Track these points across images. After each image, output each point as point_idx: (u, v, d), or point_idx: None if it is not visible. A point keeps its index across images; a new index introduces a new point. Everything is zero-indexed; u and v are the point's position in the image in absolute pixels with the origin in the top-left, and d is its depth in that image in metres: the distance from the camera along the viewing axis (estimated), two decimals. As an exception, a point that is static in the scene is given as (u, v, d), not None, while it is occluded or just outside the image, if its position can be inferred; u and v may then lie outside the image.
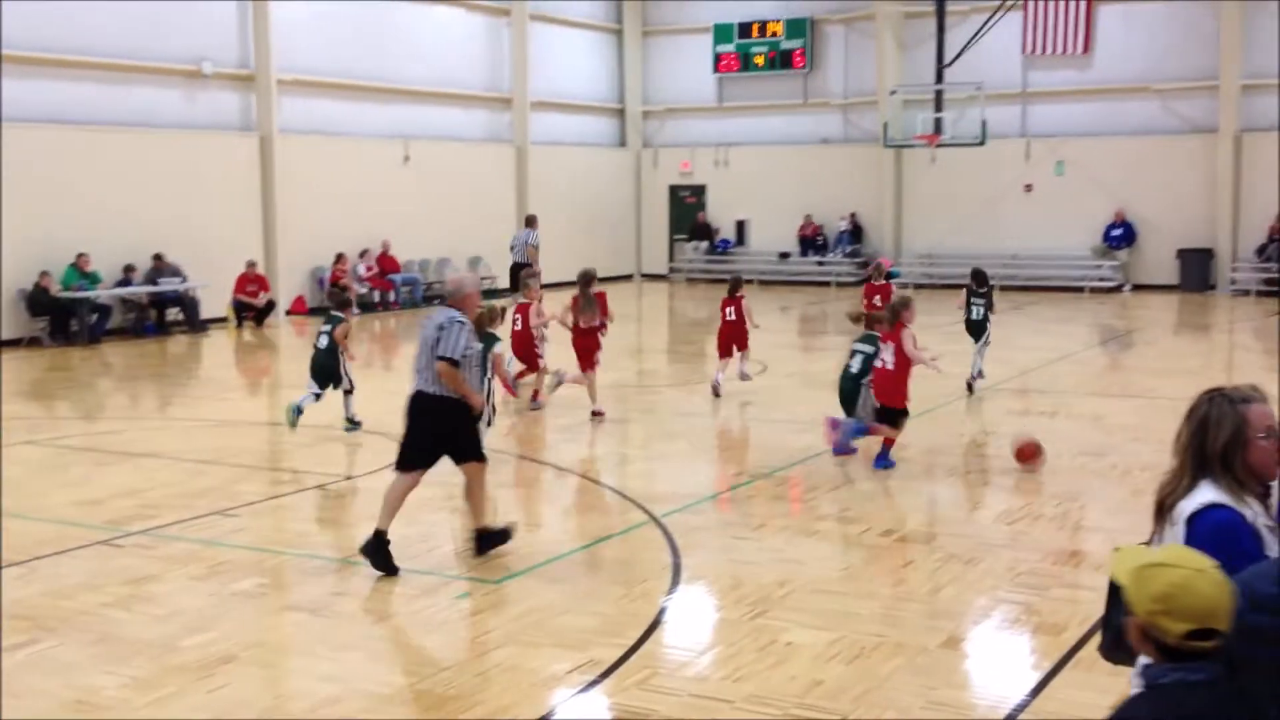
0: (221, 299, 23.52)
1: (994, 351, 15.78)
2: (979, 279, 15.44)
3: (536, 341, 14.34)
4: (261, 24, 24.11)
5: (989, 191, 29.93)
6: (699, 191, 33.87)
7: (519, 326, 14.17)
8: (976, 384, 15.07)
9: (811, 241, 32.00)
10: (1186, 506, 3.62)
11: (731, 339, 15.28)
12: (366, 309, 25.35)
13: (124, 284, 21.84)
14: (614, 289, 15.04)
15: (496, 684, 6.32)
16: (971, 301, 15.30)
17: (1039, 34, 29.15)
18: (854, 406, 11.43)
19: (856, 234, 31.68)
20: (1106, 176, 28.79)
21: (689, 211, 33.85)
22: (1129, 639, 2.78)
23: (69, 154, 21.12)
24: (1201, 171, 28.08)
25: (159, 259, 22.18)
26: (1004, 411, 14.45)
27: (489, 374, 10.38)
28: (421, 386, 8.22)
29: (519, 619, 7.38)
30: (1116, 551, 2.93)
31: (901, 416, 11.23)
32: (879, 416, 11.21)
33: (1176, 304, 26.62)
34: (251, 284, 23.75)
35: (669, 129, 34.31)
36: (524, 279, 15.53)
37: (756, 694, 6.09)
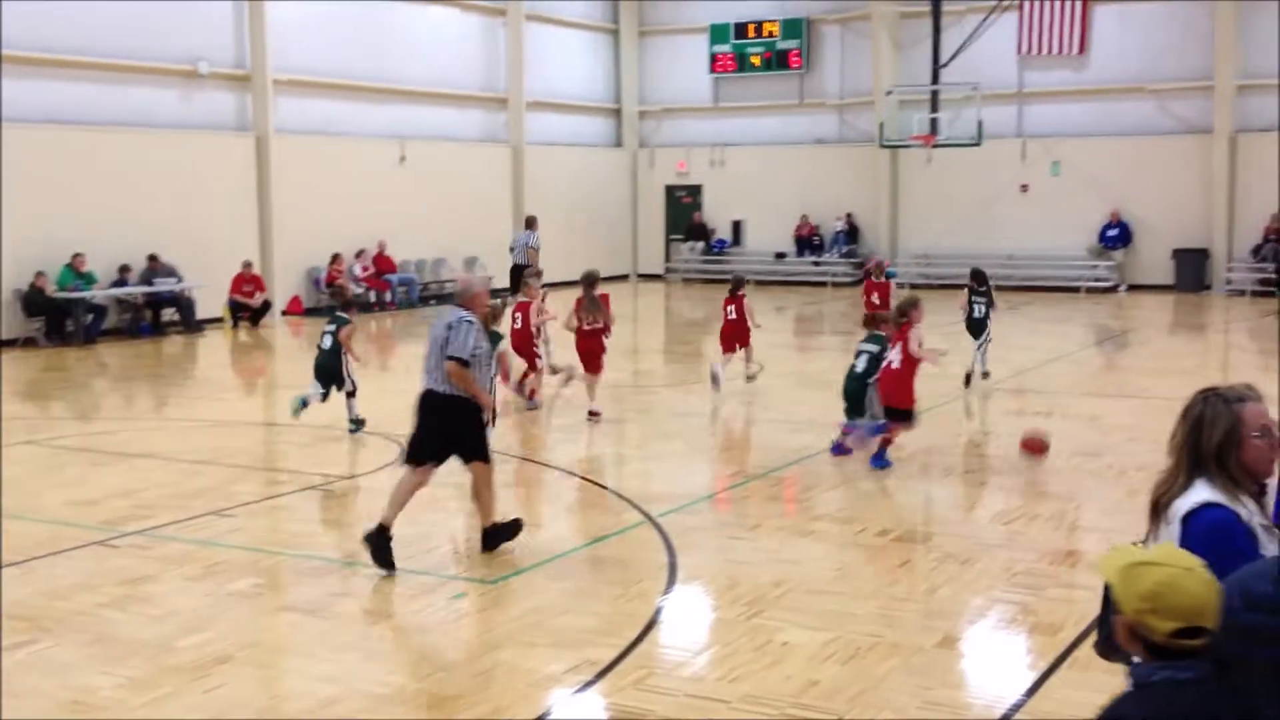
0: (217, 299, 23.50)
1: (990, 351, 15.85)
2: (979, 278, 15.67)
3: (536, 342, 14.39)
4: (257, 24, 24.11)
5: (985, 192, 29.95)
6: (695, 192, 33.88)
7: (518, 325, 14.20)
8: (983, 382, 15.17)
9: (807, 242, 32.01)
10: (1182, 505, 3.63)
11: (734, 337, 15.33)
12: (363, 309, 25.23)
13: (119, 284, 21.81)
14: (610, 289, 15.00)
15: (493, 684, 6.33)
16: (973, 300, 15.54)
17: (1034, 34, 29.18)
18: (859, 406, 11.41)
19: (852, 234, 31.70)
20: (1102, 177, 28.82)
21: (685, 212, 33.86)
22: (1117, 638, 2.79)
23: (64, 154, 21.09)
24: (1197, 172, 28.12)
25: (154, 260, 22.17)
26: (1000, 411, 14.50)
27: (494, 372, 10.40)
28: (431, 385, 8.29)
29: (516, 619, 7.38)
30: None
31: (908, 417, 11.17)
32: (885, 417, 11.20)
33: (1172, 304, 26.65)
34: (247, 284, 23.74)
35: (665, 129, 34.31)
36: (525, 277, 15.57)
37: (752, 694, 6.09)
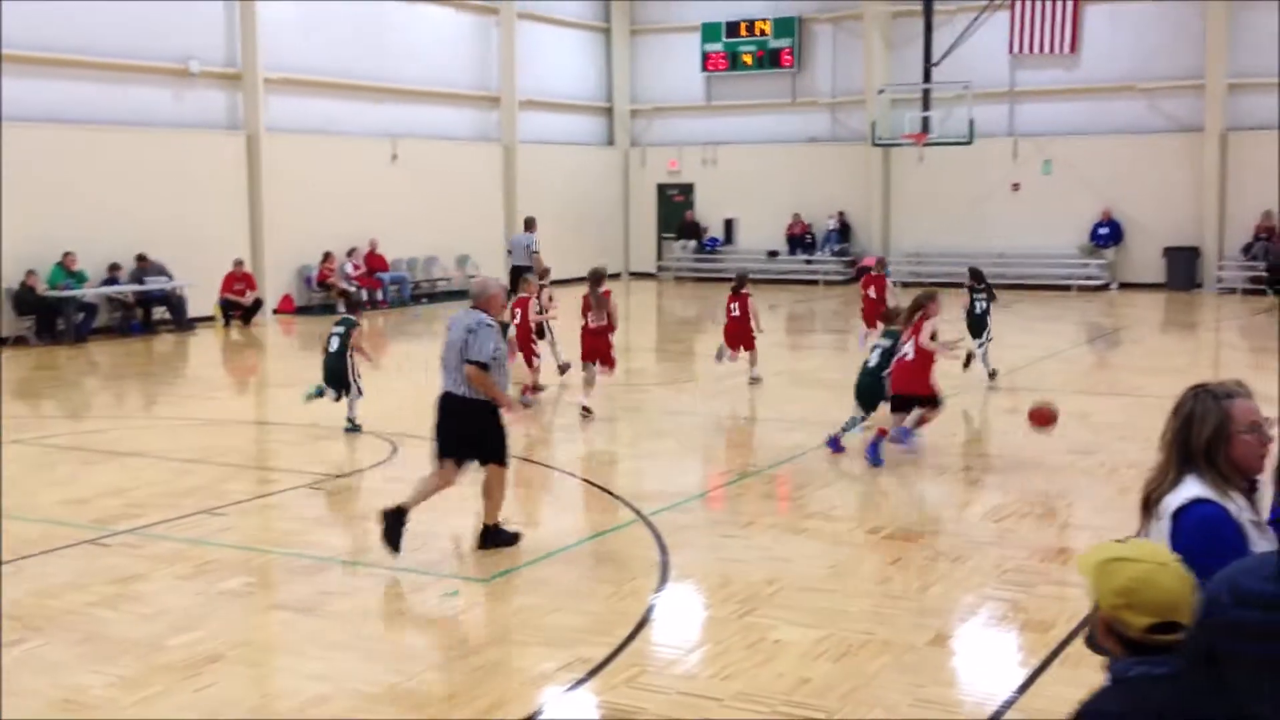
0: (208, 297, 23.45)
1: (989, 350, 15.86)
2: (977, 276, 15.83)
3: (534, 339, 14.48)
4: (249, 23, 24.05)
5: (976, 190, 29.99)
6: (687, 190, 33.88)
7: (517, 320, 14.31)
8: (987, 382, 15.24)
9: (800, 240, 32.02)
10: (1172, 501, 3.64)
11: (738, 337, 15.38)
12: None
13: (110, 283, 21.76)
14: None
15: (485, 682, 6.32)
16: (974, 298, 15.63)
17: (1026, 33, 29.21)
18: (872, 401, 11.44)
19: (844, 233, 31.71)
20: (1093, 175, 28.87)
21: (677, 210, 33.85)
22: (1095, 633, 2.79)
23: (54, 152, 21.02)
24: (1188, 170, 28.17)
25: (142, 259, 22.08)
26: (993, 410, 14.52)
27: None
28: (449, 388, 8.34)
29: (508, 617, 7.38)
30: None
31: (929, 402, 11.21)
32: (894, 406, 11.27)
33: (1163, 302, 26.70)
34: (239, 282, 23.70)
35: (657, 128, 34.31)
36: (527, 276, 15.65)
37: (744, 691, 6.10)
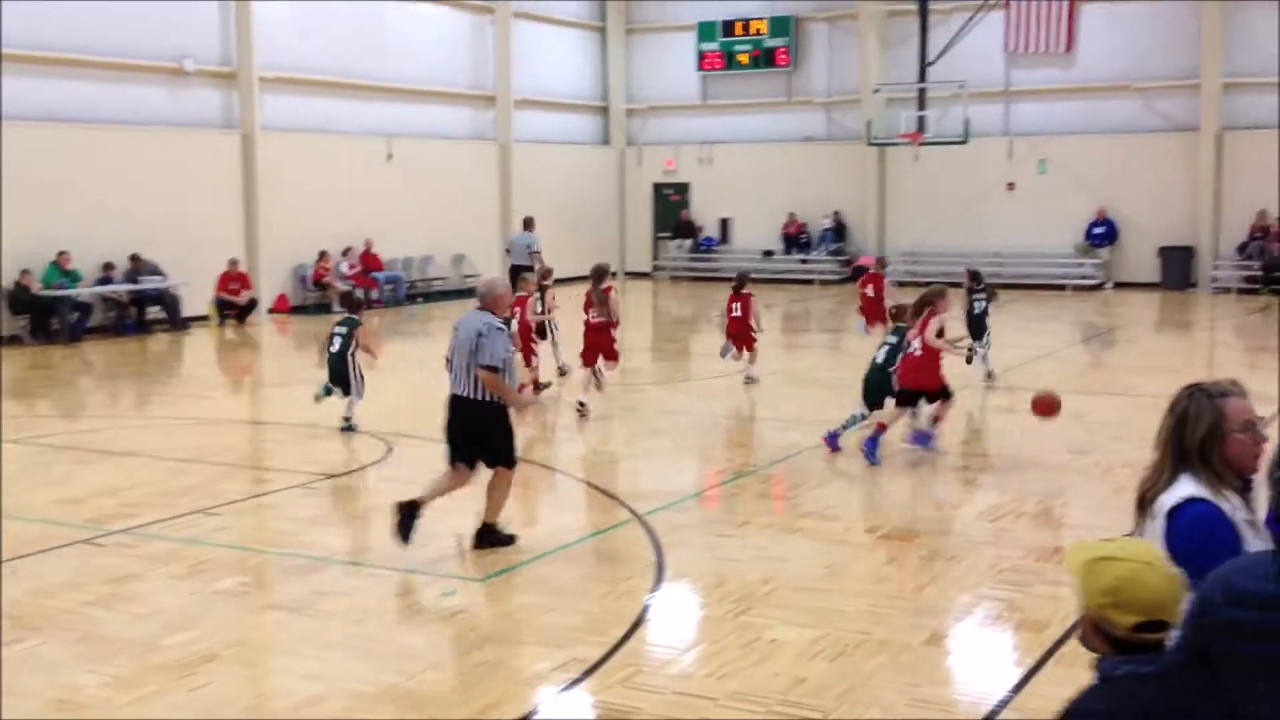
0: (203, 297, 23.42)
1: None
2: (975, 278, 15.91)
3: (534, 339, 14.49)
4: (244, 21, 24.01)
5: (972, 190, 30.00)
6: (683, 189, 33.87)
7: (516, 319, 14.29)
8: (989, 382, 15.30)
9: (795, 239, 32.03)
10: (1166, 500, 3.64)
11: (740, 336, 15.41)
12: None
13: (104, 282, 21.72)
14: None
15: (480, 682, 6.32)
16: (973, 299, 15.68)
17: (1021, 33, 29.23)
18: (879, 398, 11.49)
19: (840, 232, 31.72)
20: (1089, 175, 28.89)
21: (673, 209, 33.85)
22: (1082, 632, 2.79)
23: (50, 151, 20.97)
24: (1183, 170, 28.20)
25: (136, 259, 22.03)
26: (988, 409, 14.53)
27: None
28: (458, 390, 8.36)
29: (503, 617, 7.37)
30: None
31: (939, 395, 11.34)
32: (899, 401, 11.35)
33: (1158, 302, 26.73)
34: (233, 282, 23.67)
35: (653, 127, 34.30)
36: (523, 275, 15.67)
37: (740, 691, 6.09)
